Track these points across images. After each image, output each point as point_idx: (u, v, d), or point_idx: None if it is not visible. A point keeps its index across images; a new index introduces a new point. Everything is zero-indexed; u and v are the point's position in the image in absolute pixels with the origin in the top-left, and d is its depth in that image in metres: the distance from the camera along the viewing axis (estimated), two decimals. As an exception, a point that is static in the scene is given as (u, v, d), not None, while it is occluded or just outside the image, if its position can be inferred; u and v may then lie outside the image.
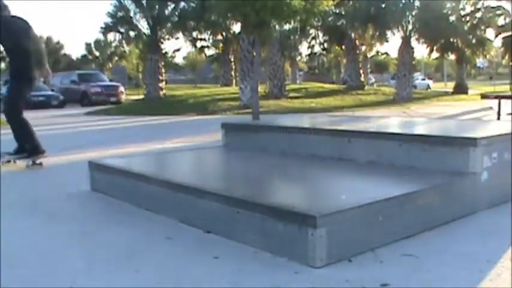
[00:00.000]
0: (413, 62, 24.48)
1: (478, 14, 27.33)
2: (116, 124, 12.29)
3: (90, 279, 2.26)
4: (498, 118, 7.77)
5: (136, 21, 21.57)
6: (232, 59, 31.20)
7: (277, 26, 11.58)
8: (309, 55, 40.96)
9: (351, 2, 24.05)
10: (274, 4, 8.45)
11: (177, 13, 21.71)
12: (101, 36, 42.05)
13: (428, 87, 44.05)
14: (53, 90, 26.10)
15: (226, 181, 3.60)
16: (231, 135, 5.15)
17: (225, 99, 18.95)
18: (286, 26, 21.74)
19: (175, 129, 10.09)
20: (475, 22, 27.34)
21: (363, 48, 29.83)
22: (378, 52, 53.68)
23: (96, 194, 4.04)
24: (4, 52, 5.38)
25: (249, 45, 16.88)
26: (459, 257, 2.39)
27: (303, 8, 8.77)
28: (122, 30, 22.25)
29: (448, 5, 25.63)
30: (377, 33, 24.71)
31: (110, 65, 59.23)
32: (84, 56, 59.75)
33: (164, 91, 22.23)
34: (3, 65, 57.42)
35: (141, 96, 23.27)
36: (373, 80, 47.11)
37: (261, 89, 17.29)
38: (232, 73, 31.23)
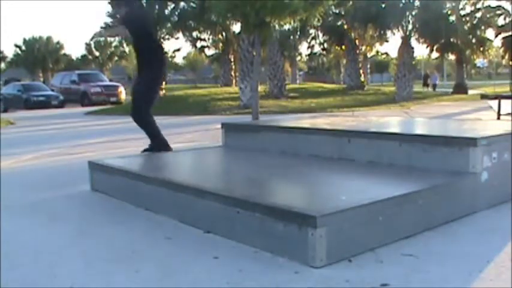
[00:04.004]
0: (413, 62, 24.44)
1: (478, 14, 27.33)
2: (115, 124, 12.27)
3: (90, 279, 2.26)
4: (498, 118, 7.77)
5: (136, 21, 21.55)
6: (232, 59, 31.18)
7: (277, 26, 11.56)
8: (309, 55, 40.91)
9: (350, 2, 24.01)
10: (274, 4, 8.43)
11: (177, 13, 21.69)
12: (100, 36, 41.98)
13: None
14: (52, 90, 26.15)
15: (226, 181, 3.60)
16: (231, 135, 5.15)
17: (225, 99, 18.94)
18: (286, 26, 21.76)
19: (175, 129, 10.09)
20: (475, 22, 27.34)
21: (363, 48, 29.81)
22: (377, 52, 53.67)
23: (96, 194, 4.04)
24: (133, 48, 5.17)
25: (249, 45, 16.86)
26: (459, 257, 2.39)
27: (303, 7, 8.76)
28: (122, 30, 22.19)
29: (448, 5, 25.63)
30: (377, 33, 24.70)
31: (110, 65, 59.20)
32: (84, 56, 59.71)
33: (164, 91, 22.22)
34: (3, 65, 57.44)
35: (141, 96, 23.26)
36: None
37: (261, 89, 17.28)
38: (232, 73, 31.20)
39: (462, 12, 27.06)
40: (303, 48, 68.23)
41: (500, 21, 27.24)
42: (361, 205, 2.49)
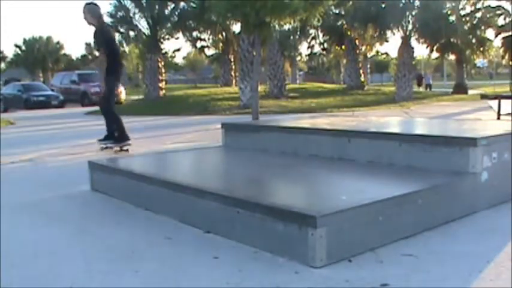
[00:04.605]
0: (413, 62, 24.45)
1: (478, 14, 27.34)
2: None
3: (90, 279, 2.26)
4: (498, 118, 7.77)
5: (136, 21, 21.56)
6: (232, 59, 31.17)
7: (277, 26, 11.56)
8: (309, 55, 40.92)
9: (350, 2, 24.01)
10: (274, 4, 8.44)
11: (177, 13, 21.70)
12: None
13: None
14: (52, 90, 26.15)
15: (226, 181, 3.60)
16: (231, 135, 5.15)
17: (225, 99, 18.94)
18: (286, 26, 21.77)
19: (175, 129, 10.09)
20: (475, 22, 27.35)
21: (363, 48, 29.81)
22: (377, 52, 53.67)
23: (96, 194, 4.04)
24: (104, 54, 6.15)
25: (249, 45, 16.87)
26: (459, 257, 2.39)
27: (303, 7, 8.77)
28: (122, 30, 22.19)
29: (448, 5, 25.63)
30: (377, 33, 24.69)
31: (110, 65, 59.18)
32: (84, 56, 59.79)
33: (164, 91, 22.22)
34: (3, 65, 57.46)
35: (141, 96, 23.25)
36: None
37: (261, 89, 17.29)
38: (232, 73, 31.19)
39: (462, 12, 27.07)
40: (303, 48, 68.23)
41: (500, 21, 27.25)
42: (361, 205, 2.49)
